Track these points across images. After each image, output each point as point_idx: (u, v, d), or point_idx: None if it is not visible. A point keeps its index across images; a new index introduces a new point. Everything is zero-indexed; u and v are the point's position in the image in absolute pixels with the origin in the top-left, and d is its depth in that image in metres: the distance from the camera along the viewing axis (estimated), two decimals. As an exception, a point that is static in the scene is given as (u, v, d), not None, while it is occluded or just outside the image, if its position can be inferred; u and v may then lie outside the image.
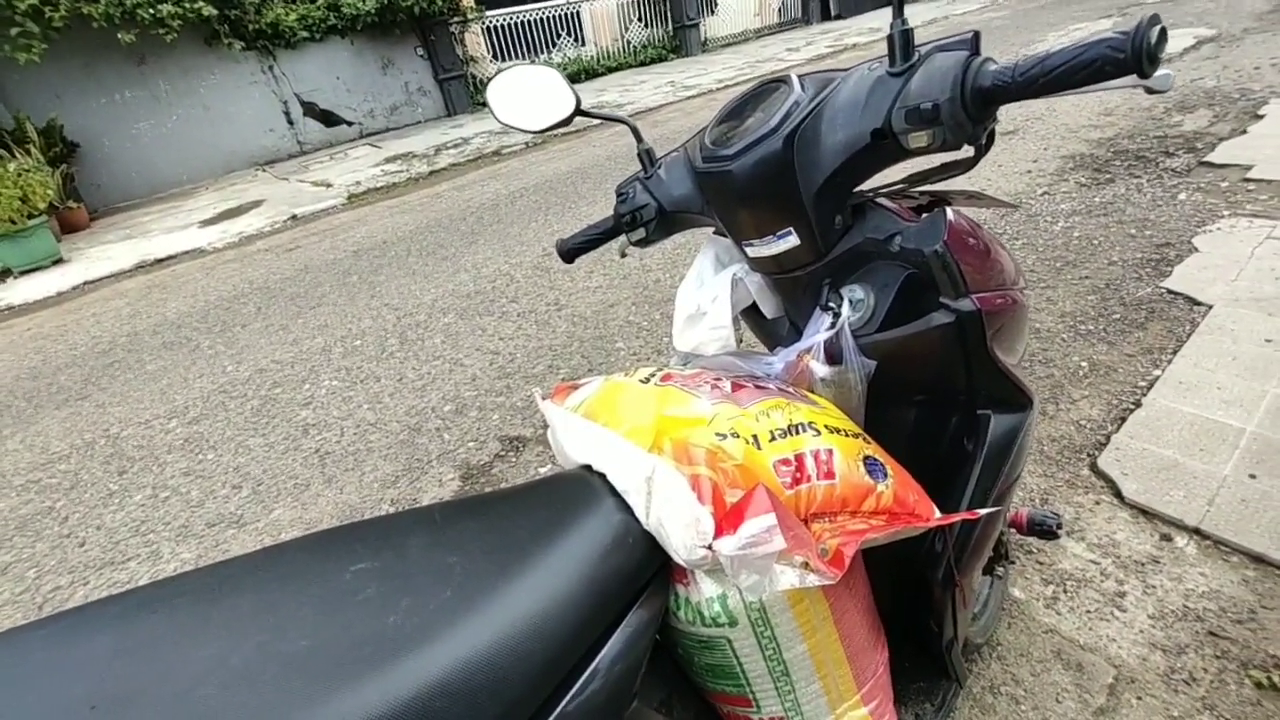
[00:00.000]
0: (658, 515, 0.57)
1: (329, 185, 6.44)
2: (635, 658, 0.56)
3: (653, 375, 0.73)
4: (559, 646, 0.51)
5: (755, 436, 0.60)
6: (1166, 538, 1.32)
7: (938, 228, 0.64)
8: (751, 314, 0.90)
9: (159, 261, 5.07)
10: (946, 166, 0.64)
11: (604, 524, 0.58)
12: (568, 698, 0.51)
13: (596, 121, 0.99)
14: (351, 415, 2.44)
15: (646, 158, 0.88)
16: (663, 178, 0.86)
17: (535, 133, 0.86)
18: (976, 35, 0.58)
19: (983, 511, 0.63)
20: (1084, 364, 1.89)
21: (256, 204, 6.23)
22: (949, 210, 0.65)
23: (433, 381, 2.56)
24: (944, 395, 0.76)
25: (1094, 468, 1.52)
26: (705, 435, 0.58)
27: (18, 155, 5.37)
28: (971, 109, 0.55)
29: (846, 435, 0.65)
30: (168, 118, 7.70)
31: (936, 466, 0.74)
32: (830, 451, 0.62)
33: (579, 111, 0.83)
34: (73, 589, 1.84)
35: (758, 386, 0.70)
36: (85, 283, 4.86)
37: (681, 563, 0.58)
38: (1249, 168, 2.85)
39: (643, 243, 0.90)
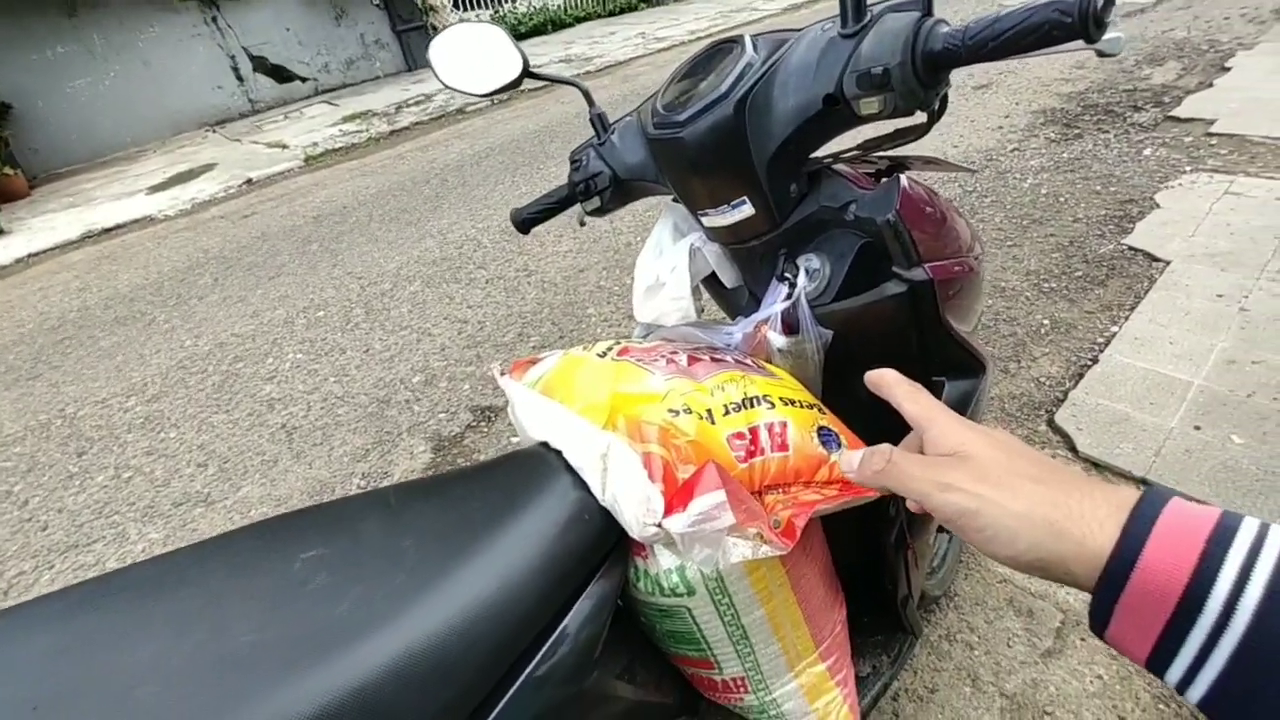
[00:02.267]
0: (613, 492, 0.57)
1: (285, 146, 6.15)
2: (594, 630, 0.57)
3: (610, 349, 0.72)
4: (515, 625, 0.51)
5: (709, 411, 0.60)
6: (1116, 488, 1.38)
7: (890, 196, 0.63)
8: (713, 283, 0.89)
9: (106, 231, 4.83)
10: (900, 133, 0.63)
11: (561, 501, 0.58)
12: (525, 673, 0.51)
13: (554, 71, 0.95)
14: (318, 389, 2.39)
15: (599, 123, 0.85)
16: (616, 144, 0.83)
17: (482, 96, 0.81)
18: None
19: None
20: (1046, 321, 1.93)
21: (208, 168, 5.94)
22: (903, 178, 0.64)
23: (400, 352, 2.51)
24: (899, 363, 0.76)
25: (1051, 423, 1.57)
26: (658, 412, 0.58)
27: (-59, 118, 4.99)
28: (922, 74, 0.54)
29: (801, 406, 0.65)
30: (105, 75, 7.22)
31: (891, 433, 0.75)
32: (784, 424, 0.62)
33: (527, 73, 0.79)
34: (37, 573, 1.80)
35: (714, 359, 0.70)
36: (29, 255, 4.62)
37: (636, 538, 0.58)
38: (1212, 122, 2.88)
39: (599, 212, 0.88)
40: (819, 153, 0.69)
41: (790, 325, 0.72)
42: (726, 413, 0.60)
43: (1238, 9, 4.41)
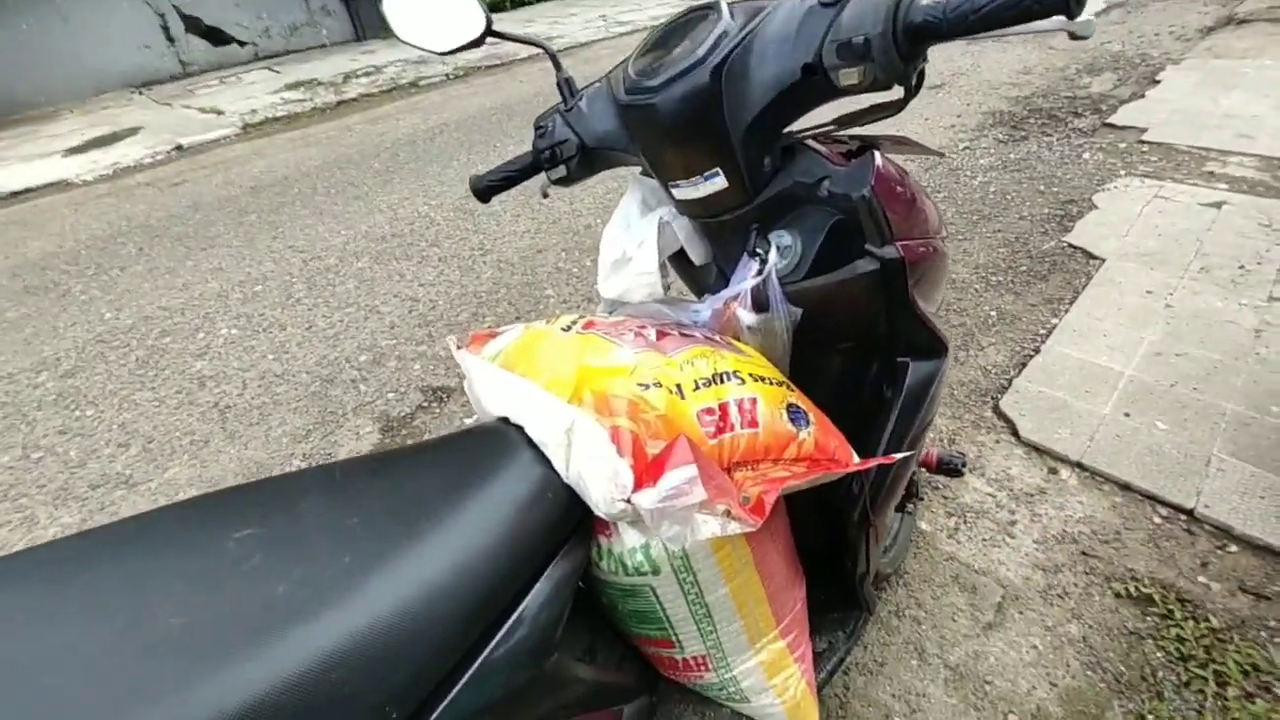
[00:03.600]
0: (577, 469, 0.54)
1: (220, 113, 5.76)
2: (555, 611, 0.54)
3: (574, 323, 0.69)
4: (471, 606, 0.48)
5: (679, 386, 0.58)
6: (1054, 471, 1.44)
7: (865, 172, 0.62)
8: (679, 260, 0.87)
9: (15, 194, 4.41)
10: (876, 108, 0.62)
11: (522, 478, 0.55)
12: (483, 655, 0.49)
13: (514, 48, 0.90)
14: (254, 366, 2.25)
15: (566, 87, 0.81)
16: (584, 111, 0.80)
17: (441, 54, 0.76)
18: None
19: (898, 456, 0.65)
20: (993, 313, 2.00)
21: (133, 131, 5.51)
22: (877, 155, 0.63)
23: (346, 330, 2.40)
24: (866, 342, 0.76)
25: (996, 409, 1.63)
26: (627, 385, 0.55)
27: None
28: (903, 46, 0.53)
29: (771, 383, 0.64)
30: (17, 28, 6.58)
31: (857, 412, 0.75)
32: (754, 400, 0.60)
33: (490, 32, 0.74)
34: (-72, 563, 1.63)
35: (683, 334, 0.68)
36: (-79, 217, 4.18)
37: (602, 515, 0.55)
38: (1144, 130, 3.04)
39: (564, 181, 0.84)
40: (793, 126, 0.67)
41: (760, 302, 0.70)
42: (696, 388, 0.58)
43: (1166, 26, 4.69)
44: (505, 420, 0.61)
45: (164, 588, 0.43)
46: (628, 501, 0.50)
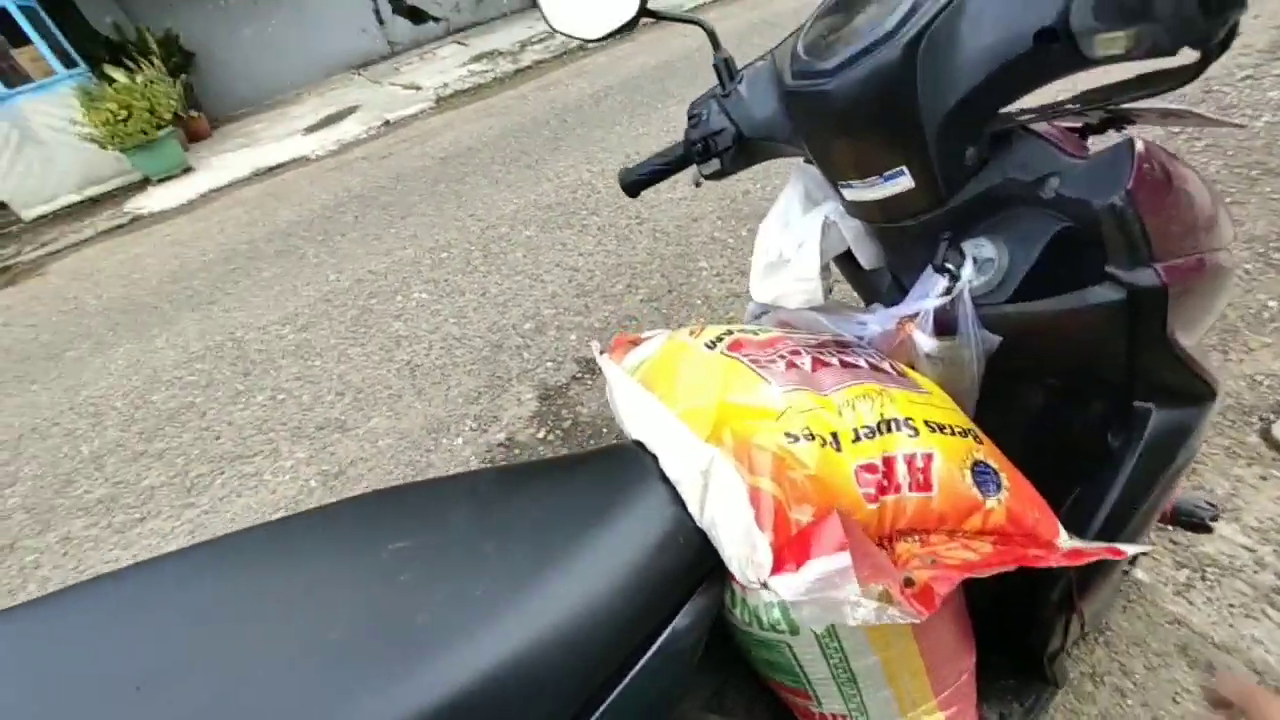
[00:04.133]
0: (712, 516, 0.50)
1: (419, 88, 6.39)
2: (683, 661, 0.51)
3: (721, 339, 0.63)
4: (595, 653, 0.47)
5: (835, 436, 0.50)
6: (1352, 527, 1.09)
7: (1119, 170, 0.46)
8: (846, 259, 0.75)
9: (270, 170, 5.35)
10: (1147, 79, 0.45)
11: (654, 517, 0.52)
12: (604, 706, 0.47)
13: None
14: (439, 329, 2.51)
15: (724, 69, 0.72)
16: (743, 96, 0.71)
17: (593, 41, 0.72)
18: None
19: (1130, 549, 0.49)
20: (1271, 304, 1.54)
21: (353, 110, 6.34)
22: (1138, 143, 0.47)
23: (514, 298, 2.56)
24: (1088, 380, 0.60)
25: (1266, 435, 1.26)
26: (773, 435, 0.49)
27: (142, 67, 5.68)
28: None
29: (952, 434, 0.53)
30: (267, 23, 7.84)
31: (1066, 467, 0.60)
32: (929, 457, 0.50)
33: (644, 12, 0.68)
34: (212, 477, 2.09)
35: (844, 363, 0.58)
36: (210, 190, 5.24)
37: (729, 569, 0.51)
38: None
39: (718, 175, 0.76)
40: (1010, 107, 0.53)
41: (945, 325, 0.58)
42: (857, 439, 0.50)
43: None
44: (641, 445, 0.58)
45: (334, 593, 0.48)
46: (764, 585, 0.44)
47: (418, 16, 8.56)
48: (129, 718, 0.40)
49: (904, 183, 0.55)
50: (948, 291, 0.57)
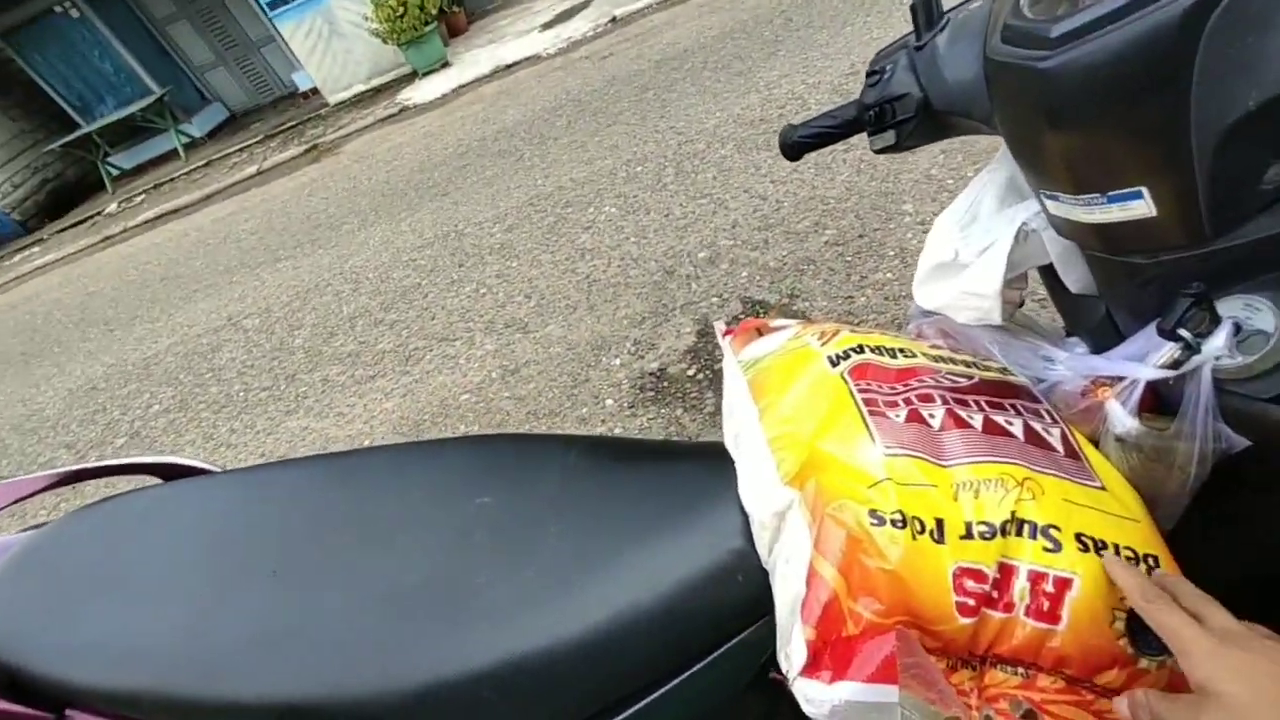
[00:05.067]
0: (774, 564, 0.46)
1: (649, -21, 6.18)
2: (713, 699, 0.51)
3: (849, 355, 0.54)
4: (622, 668, 0.49)
5: (940, 523, 0.40)
6: None
7: None
8: (1050, 271, 0.58)
9: (507, 68, 5.74)
10: None
11: (722, 544, 0.49)
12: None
13: None
14: (620, 246, 2.58)
15: (923, 11, 0.56)
16: (941, 52, 0.55)
17: None
18: None
19: None
20: None
21: (586, 4, 6.40)
22: None
23: (694, 222, 2.51)
24: None
25: None
26: (856, 508, 0.41)
27: (416, -36, 6.30)
28: None
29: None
30: (523, -90, 8.05)
31: None
32: (1064, 583, 0.39)
33: None
34: (424, 351, 2.50)
35: (990, 426, 0.46)
36: (460, 86, 5.82)
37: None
38: None
39: (892, 149, 0.63)
40: None
41: (1161, 403, 0.43)
42: (968, 534, 0.40)
43: None
44: (729, 456, 0.55)
45: (424, 535, 0.55)
46: (789, 680, 0.41)
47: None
48: (267, 596, 0.52)
49: (1138, 209, 0.39)
50: (1177, 362, 0.41)
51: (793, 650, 0.41)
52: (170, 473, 0.75)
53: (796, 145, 0.72)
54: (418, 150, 4.76)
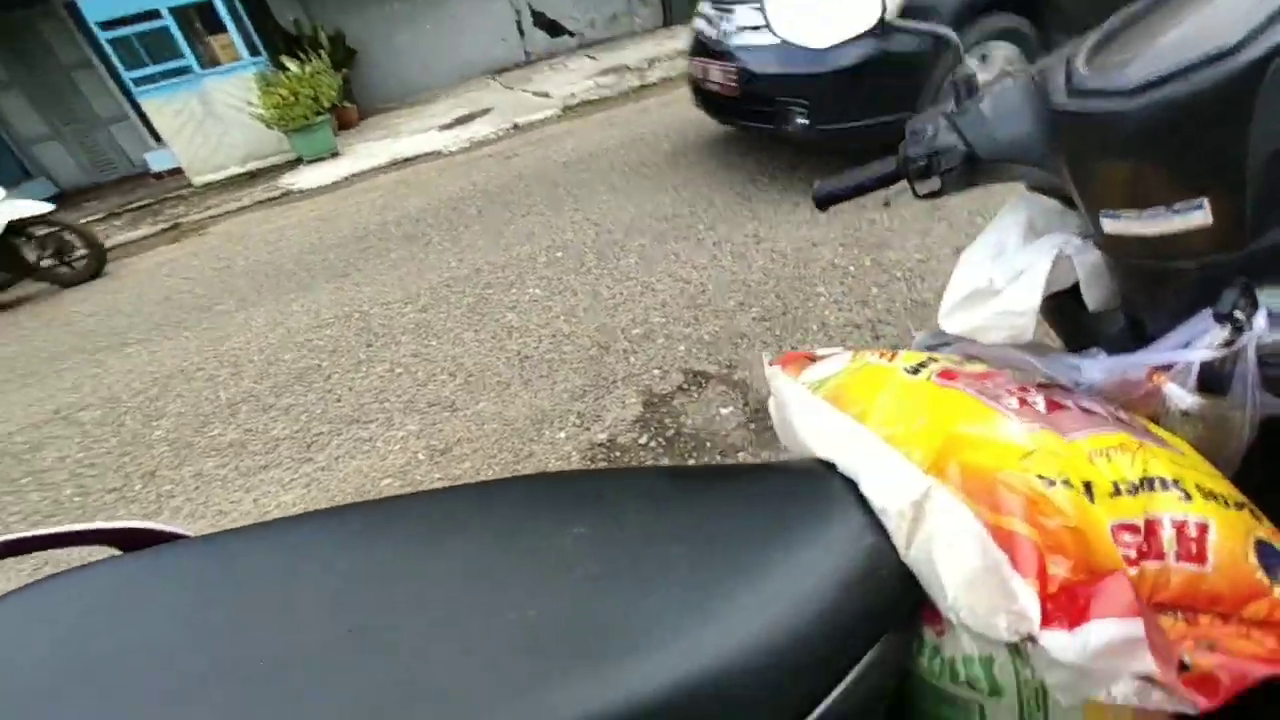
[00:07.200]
0: (926, 551, 0.45)
1: (548, 96, 6.69)
2: (869, 709, 0.47)
3: (925, 365, 0.58)
4: (785, 684, 0.43)
5: (1088, 485, 0.44)
6: None
7: None
8: (1050, 298, 0.68)
9: (406, 160, 5.75)
10: None
11: (849, 545, 0.48)
12: None
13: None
14: (549, 324, 2.57)
15: (963, 87, 0.68)
16: (985, 114, 0.66)
17: (820, 50, 0.69)
18: None
19: None
20: None
21: (485, 112, 6.72)
22: None
23: (624, 302, 2.59)
24: None
25: None
26: (1022, 476, 0.43)
27: (311, 59, 6.31)
28: None
29: (1228, 505, 0.45)
30: (421, 28, 8.51)
31: None
32: (1203, 526, 0.43)
33: (883, 24, 0.65)
34: (330, 436, 2.23)
35: (1082, 408, 0.52)
36: (352, 175, 5.71)
37: (945, 614, 0.46)
38: None
39: (934, 194, 0.72)
40: None
41: (1215, 381, 0.51)
42: (1116, 492, 0.44)
43: None
44: (827, 464, 0.54)
45: (517, 571, 0.46)
46: (1031, 640, 0.39)
47: (555, 30, 9.02)
48: (345, 659, 0.41)
49: (1197, 218, 0.48)
50: (1228, 342, 0.49)
51: (1019, 609, 0.40)
52: (132, 540, 0.58)
53: (830, 196, 0.80)
54: (307, 232, 4.51)
